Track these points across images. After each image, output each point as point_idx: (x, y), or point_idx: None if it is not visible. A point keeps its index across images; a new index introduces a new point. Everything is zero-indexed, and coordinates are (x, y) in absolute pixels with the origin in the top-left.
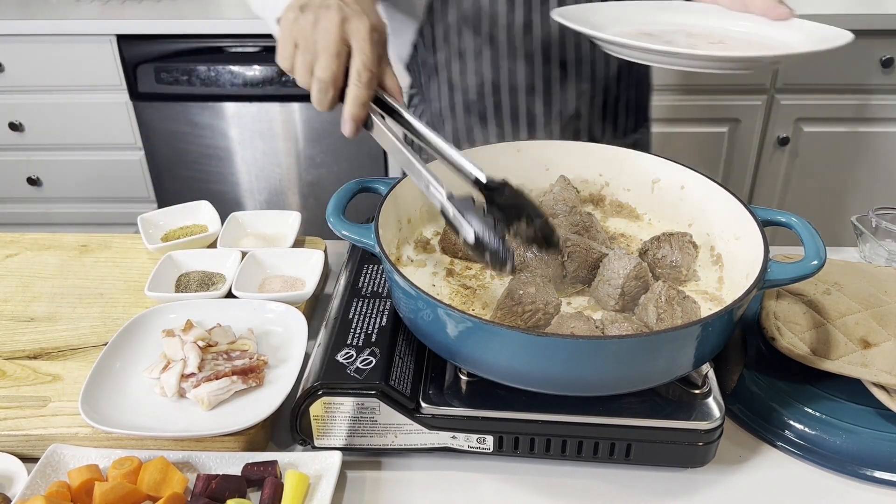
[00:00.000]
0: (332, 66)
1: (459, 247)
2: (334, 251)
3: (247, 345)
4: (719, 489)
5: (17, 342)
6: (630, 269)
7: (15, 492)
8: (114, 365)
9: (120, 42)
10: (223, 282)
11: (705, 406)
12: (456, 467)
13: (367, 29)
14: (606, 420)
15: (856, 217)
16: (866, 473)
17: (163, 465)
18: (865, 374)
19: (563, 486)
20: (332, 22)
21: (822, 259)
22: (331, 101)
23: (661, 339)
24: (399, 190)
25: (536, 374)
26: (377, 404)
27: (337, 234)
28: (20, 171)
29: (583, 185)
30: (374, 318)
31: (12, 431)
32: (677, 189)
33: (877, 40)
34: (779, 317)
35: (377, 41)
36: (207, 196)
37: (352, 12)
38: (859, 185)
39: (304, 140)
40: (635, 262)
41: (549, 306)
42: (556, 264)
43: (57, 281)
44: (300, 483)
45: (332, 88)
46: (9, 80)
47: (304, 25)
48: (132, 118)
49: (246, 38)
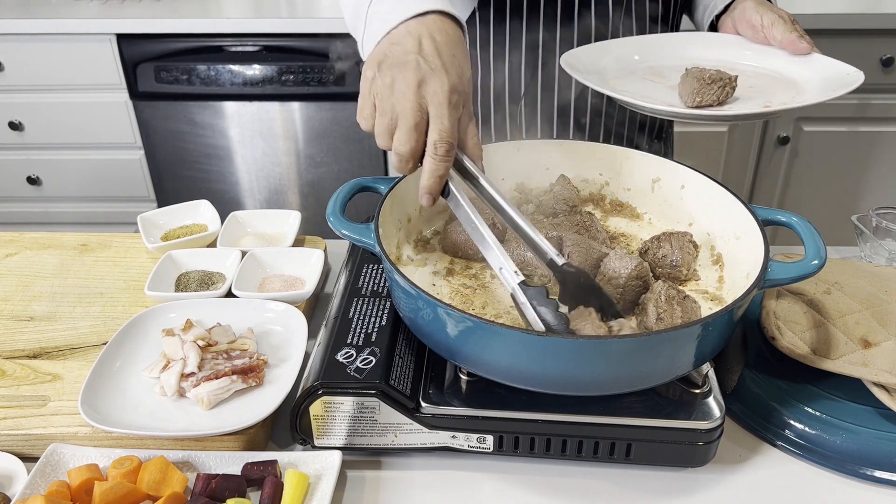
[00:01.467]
0: (410, 141)
1: (460, 246)
2: (334, 250)
3: (247, 344)
4: (719, 489)
5: (16, 341)
6: (631, 268)
7: (15, 491)
8: (114, 364)
9: (120, 41)
10: (223, 281)
11: (705, 406)
12: (456, 467)
13: (445, 93)
14: (607, 420)
15: (856, 217)
16: (866, 473)
17: (163, 464)
18: (866, 373)
19: (564, 485)
20: (408, 86)
21: (822, 258)
22: (411, 171)
23: (661, 339)
24: (399, 189)
25: (536, 373)
26: (377, 404)
27: (337, 233)
28: (20, 171)
29: (583, 185)
30: (374, 317)
31: (12, 431)
32: (677, 188)
33: (877, 40)
34: (779, 316)
35: (456, 103)
36: (207, 195)
37: (430, 71)
38: (859, 184)
39: (304, 139)
40: (636, 262)
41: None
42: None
43: (57, 280)
44: (300, 482)
45: (412, 160)
46: (9, 80)
47: (381, 87)
48: (132, 117)
49: (246, 38)
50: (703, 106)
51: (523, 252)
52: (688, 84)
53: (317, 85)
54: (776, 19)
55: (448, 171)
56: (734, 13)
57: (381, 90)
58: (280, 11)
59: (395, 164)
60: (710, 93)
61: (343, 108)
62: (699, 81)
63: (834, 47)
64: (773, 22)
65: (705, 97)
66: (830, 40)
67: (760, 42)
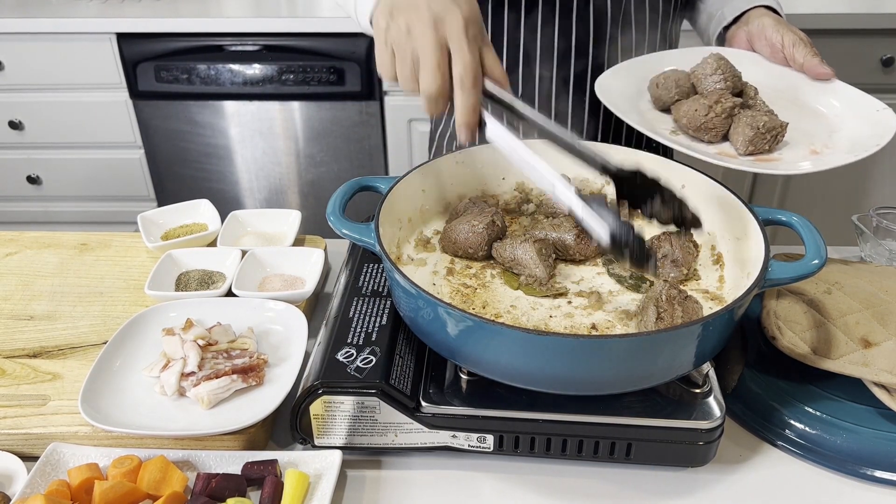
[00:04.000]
0: (436, 80)
1: (460, 245)
2: (334, 250)
3: (247, 343)
4: (720, 488)
5: (16, 341)
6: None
7: (15, 490)
8: (114, 364)
9: (120, 40)
10: (223, 280)
11: (706, 405)
12: (456, 466)
13: (461, 26)
14: (607, 419)
15: (857, 216)
16: (867, 473)
17: (163, 463)
18: (866, 373)
19: (564, 485)
20: (424, 26)
21: (822, 258)
22: (442, 110)
23: (661, 339)
24: (399, 189)
25: (537, 373)
26: (377, 403)
27: (337, 232)
28: (20, 170)
29: (583, 185)
30: (374, 316)
31: (12, 430)
32: (678, 188)
33: (877, 40)
34: (779, 316)
35: (474, 36)
36: (207, 194)
37: (442, 8)
38: (860, 184)
39: (304, 139)
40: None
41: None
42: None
43: (57, 279)
44: (300, 482)
45: (441, 99)
46: (9, 79)
47: (396, 34)
48: (132, 117)
49: (246, 37)
50: (755, 154)
51: (516, 252)
52: (741, 132)
53: (317, 85)
54: (797, 41)
55: (479, 101)
56: (750, 27)
57: (398, 36)
58: (280, 11)
59: (427, 107)
60: (763, 142)
61: (343, 108)
62: (753, 129)
63: (834, 47)
64: (795, 43)
65: (759, 146)
66: (830, 40)
67: (778, 62)
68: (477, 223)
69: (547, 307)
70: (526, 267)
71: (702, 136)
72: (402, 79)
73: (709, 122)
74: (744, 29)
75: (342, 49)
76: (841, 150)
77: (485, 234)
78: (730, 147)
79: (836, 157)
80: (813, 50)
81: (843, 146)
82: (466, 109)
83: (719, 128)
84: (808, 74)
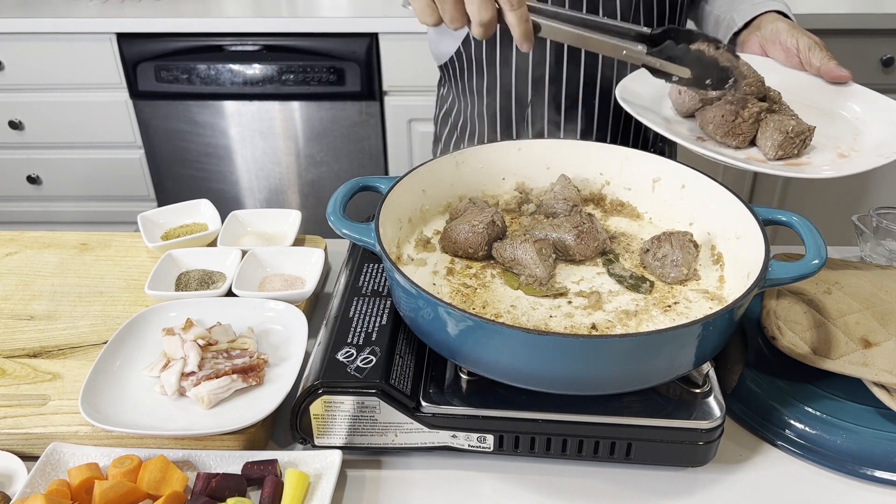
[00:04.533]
0: (488, 8)
1: (460, 245)
2: (334, 250)
3: (247, 343)
4: (720, 488)
5: (16, 340)
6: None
7: (15, 490)
8: (114, 363)
9: (120, 40)
10: (223, 280)
11: (706, 405)
12: (456, 466)
13: None
14: (607, 419)
15: (857, 216)
16: (867, 473)
17: (163, 463)
18: (866, 373)
19: (564, 485)
20: None
21: (823, 258)
22: (492, 32)
23: (661, 339)
24: (400, 189)
25: (537, 372)
26: (377, 403)
27: (337, 232)
28: (20, 170)
29: (583, 184)
30: (374, 316)
31: (12, 430)
32: (678, 188)
33: (877, 40)
34: (779, 316)
35: None
36: (207, 194)
37: None
38: (860, 184)
39: (304, 138)
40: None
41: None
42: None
43: (57, 279)
44: (300, 482)
45: (493, 23)
46: (9, 79)
47: None
48: (132, 116)
49: (246, 37)
50: (784, 158)
51: (516, 252)
52: (769, 136)
53: (317, 84)
54: (812, 45)
55: (527, 12)
56: (763, 32)
57: None
58: (280, 11)
59: (480, 33)
60: (792, 146)
61: (343, 108)
62: (782, 134)
63: (834, 47)
64: (810, 47)
65: (788, 150)
66: (831, 40)
67: (793, 67)
68: (477, 223)
69: (547, 307)
70: (526, 267)
71: (729, 142)
72: (448, 18)
73: (736, 127)
74: (756, 34)
75: (342, 49)
76: (868, 152)
77: (485, 234)
78: (757, 152)
79: (865, 160)
80: (828, 54)
81: (870, 148)
82: (521, 23)
83: (747, 133)
84: (826, 78)
